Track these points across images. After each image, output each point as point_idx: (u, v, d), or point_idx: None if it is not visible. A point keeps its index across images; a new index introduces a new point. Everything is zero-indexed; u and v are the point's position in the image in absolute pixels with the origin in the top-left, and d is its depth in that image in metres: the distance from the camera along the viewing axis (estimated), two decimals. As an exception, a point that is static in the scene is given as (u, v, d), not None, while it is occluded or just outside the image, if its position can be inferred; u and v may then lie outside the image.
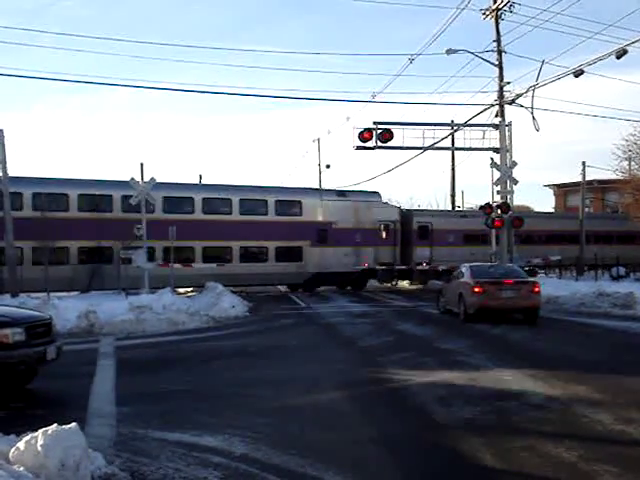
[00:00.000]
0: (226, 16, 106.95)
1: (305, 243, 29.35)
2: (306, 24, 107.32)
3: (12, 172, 21.31)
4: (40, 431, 4.60)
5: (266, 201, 28.86)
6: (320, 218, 29.71)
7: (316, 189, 31.14)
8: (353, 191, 31.98)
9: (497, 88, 25.25)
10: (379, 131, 23.99)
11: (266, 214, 28.77)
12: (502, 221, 23.65)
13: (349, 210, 30.16)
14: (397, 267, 31.20)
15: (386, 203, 32.89)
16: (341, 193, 31.30)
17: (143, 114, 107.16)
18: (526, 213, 38.54)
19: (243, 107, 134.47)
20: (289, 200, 29.72)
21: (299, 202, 29.67)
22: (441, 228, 31.82)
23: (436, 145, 26.05)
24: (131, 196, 22.24)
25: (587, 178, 38.71)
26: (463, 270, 18.10)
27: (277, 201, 29.15)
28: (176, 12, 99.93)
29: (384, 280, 31.70)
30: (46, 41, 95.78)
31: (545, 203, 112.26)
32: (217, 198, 28.18)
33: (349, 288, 30.77)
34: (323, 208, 29.86)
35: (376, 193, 32.14)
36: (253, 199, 28.84)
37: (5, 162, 20.50)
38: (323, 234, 29.54)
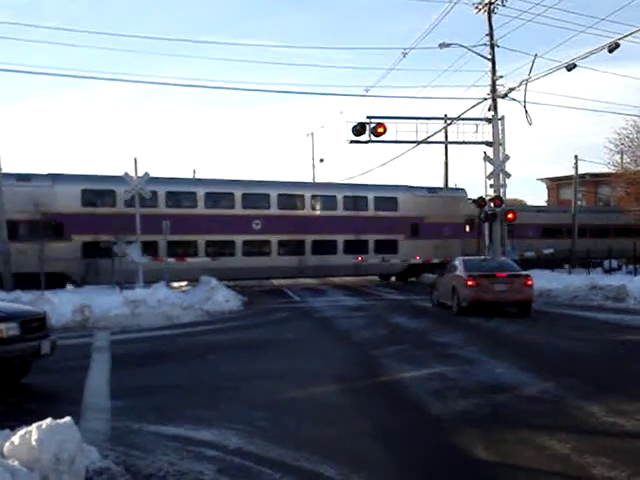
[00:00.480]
0: (219, 10, 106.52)
1: (400, 236, 30.94)
2: (300, 18, 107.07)
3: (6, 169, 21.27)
4: (34, 425, 4.57)
5: (366, 198, 30.61)
6: (413, 213, 31.16)
7: (409, 186, 32.40)
8: (441, 188, 33.55)
9: (490, 82, 25.28)
10: (372, 125, 23.97)
11: (367, 209, 30.53)
12: (495, 214, 23.77)
13: (438, 205, 31.68)
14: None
15: (471, 199, 33.72)
16: (431, 190, 32.79)
17: (138, 108, 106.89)
18: (519, 206, 38.69)
19: (237, 101, 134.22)
20: (386, 197, 31.24)
21: (395, 198, 31.19)
22: (521, 222, 32.03)
23: (429, 139, 26.10)
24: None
25: (580, 171, 38.85)
26: (456, 263, 18.14)
27: (376, 197, 30.81)
28: (172, 9, 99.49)
29: None
30: (40, 36, 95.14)
31: (538, 196, 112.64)
32: (323, 195, 30.39)
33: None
34: (416, 204, 31.31)
35: (462, 190, 33.97)
36: (355, 196, 30.65)
37: (-1, 158, 20.42)
38: (415, 228, 31.18)
